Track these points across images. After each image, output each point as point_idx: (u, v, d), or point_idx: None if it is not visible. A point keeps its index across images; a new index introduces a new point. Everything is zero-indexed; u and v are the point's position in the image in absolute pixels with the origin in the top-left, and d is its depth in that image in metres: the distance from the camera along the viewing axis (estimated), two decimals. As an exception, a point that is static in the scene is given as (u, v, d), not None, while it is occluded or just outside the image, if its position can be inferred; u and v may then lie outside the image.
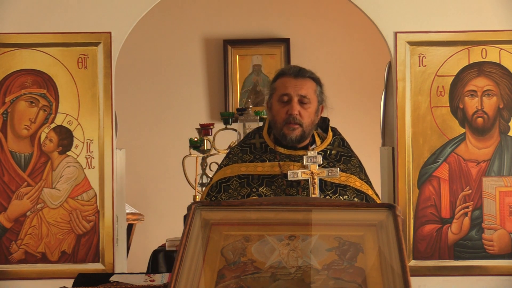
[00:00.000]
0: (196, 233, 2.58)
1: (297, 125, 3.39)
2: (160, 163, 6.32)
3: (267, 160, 3.47)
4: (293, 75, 3.45)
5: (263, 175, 3.43)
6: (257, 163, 3.47)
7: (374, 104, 4.93)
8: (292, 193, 3.39)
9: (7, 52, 3.84)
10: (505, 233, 3.84)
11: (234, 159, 3.52)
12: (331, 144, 3.55)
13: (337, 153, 3.53)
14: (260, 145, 3.52)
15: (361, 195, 3.43)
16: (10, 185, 3.82)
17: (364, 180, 3.50)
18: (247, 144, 3.56)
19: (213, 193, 3.48)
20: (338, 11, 6.30)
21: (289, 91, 3.40)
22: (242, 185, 3.43)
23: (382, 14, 3.88)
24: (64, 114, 3.84)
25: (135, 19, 3.88)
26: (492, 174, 3.85)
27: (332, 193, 3.41)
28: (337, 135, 3.61)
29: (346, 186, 3.43)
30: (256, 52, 6.36)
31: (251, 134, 3.61)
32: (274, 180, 3.42)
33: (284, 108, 3.40)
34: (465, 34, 3.87)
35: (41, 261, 3.82)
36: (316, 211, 2.68)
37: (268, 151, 3.48)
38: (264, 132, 3.55)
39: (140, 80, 6.35)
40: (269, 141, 3.51)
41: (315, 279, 2.39)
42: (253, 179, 3.43)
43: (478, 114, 3.86)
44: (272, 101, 3.46)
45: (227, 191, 3.45)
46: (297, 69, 3.49)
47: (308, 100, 3.42)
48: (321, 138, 3.57)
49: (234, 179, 3.45)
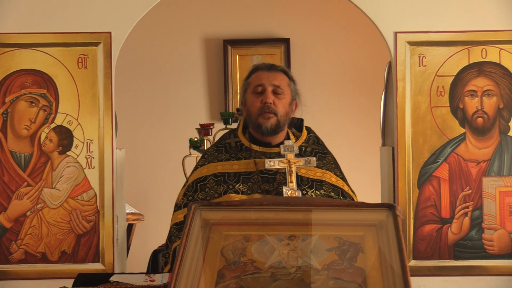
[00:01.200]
0: (196, 233, 2.58)
1: (271, 114, 3.45)
2: (160, 163, 6.32)
3: (243, 158, 3.51)
4: (266, 69, 3.54)
5: (239, 172, 3.47)
6: (233, 161, 3.51)
7: (374, 104, 4.93)
8: (269, 188, 3.43)
9: (7, 52, 3.83)
10: (505, 233, 3.84)
11: (210, 159, 3.56)
12: (306, 142, 3.60)
13: (312, 150, 3.59)
14: (235, 144, 3.57)
15: (337, 190, 3.48)
16: (10, 185, 3.82)
17: (339, 176, 3.56)
18: (222, 144, 3.61)
19: (189, 193, 3.52)
20: (338, 11, 6.31)
21: (262, 82, 3.48)
22: (219, 183, 3.46)
23: (382, 14, 3.88)
24: (64, 114, 3.84)
25: (135, 19, 3.88)
26: (492, 174, 3.85)
27: (309, 187, 3.45)
28: (312, 133, 3.66)
29: (322, 182, 3.48)
30: (256, 52, 6.36)
31: (226, 135, 3.66)
32: (250, 176, 3.46)
33: (259, 98, 3.48)
34: (465, 34, 3.87)
35: (41, 261, 3.81)
36: (316, 211, 2.69)
37: (243, 150, 3.53)
38: (239, 132, 3.61)
39: (140, 80, 6.35)
40: (244, 139, 3.56)
41: (315, 279, 2.39)
42: (229, 177, 3.47)
43: (478, 114, 3.86)
44: (246, 95, 3.52)
45: (203, 190, 3.48)
46: (269, 64, 3.59)
47: (282, 91, 3.49)
48: (296, 136, 3.62)
49: (210, 178, 3.49)
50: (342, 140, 6.36)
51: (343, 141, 6.36)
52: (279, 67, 3.57)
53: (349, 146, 6.33)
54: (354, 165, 6.34)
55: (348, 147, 6.34)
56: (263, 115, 3.46)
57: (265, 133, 3.48)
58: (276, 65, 3.59)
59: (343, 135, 6.32)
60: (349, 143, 6.31)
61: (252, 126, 3.52)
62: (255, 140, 3.55)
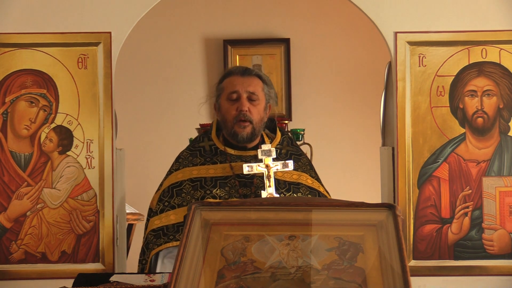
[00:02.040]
0: (196, 233, 2.58)
1: (247, 122, 3.44)
2: (160, 163, 6.31)
3: (218, 162, 3.49)
4: (240, 74, 3.51)
5: (215, 177, 3.46)
6: (209, 166, 3.49)
7: (374, 104, 4.93)
8: (246, 192, 3.42)
9: (7, 52, 3.83)
10: (505, 233, 3.84)
11: (185, 163, 3.54)
12: (280, 144, 3.60)
13: (287, 152, 3.58)
14: (210, 147, 3.55)
15: (313, 192, 3.49)
16: (10, 185, 3.82)
17: (314, 178, 3.57)
18: (196, 148, 3.58)
19: (165, 198, 3.50)
20: (338, 11, 6.31)
21: (237, 88, 3.46)
22: (195, 188, 3.45)
23: (382, 14, 3.88)
24: (64, 114, 3.84)
25: (135, 19, 3.88)
26: (492, 174, 3.85)
27: (286, 191, 3.44)
28: (285, 134, 3.65)
29: (299, 184, 3.48)
30: (256, 52, 6.36)
31: (199, 137, 3.64)
32: (227, 181, 3.44)
33: (234, 105, 3.46)
34: (465, 34, 3.87)
35: (41, 261, 3.81)
36: (316, 211, 2.68)
37: (218, 153, 3.51)
38: (212, 135, 3.58)
39: (140, 80, 6.35)
40: (219, 143, 3.54)
41: (315, 279, 2.39)
42: (206, 182, 3.45)
43: (478, 114, 3.86)
44: (220, 101, 3.50)
45: (179, 195, 3.46)
46: (243, 68, 3.57)
47: (257, 97, 3.48)
48: (270, 138, 3.60)
49: (187, 183, 3.47)
50: (342, 140, 6.37)
51: (343, 141, 6.37)
52: (253, 72, 3.54)
53: (349, 146, 6.33)
54: (354, 165, 6.36)
55: (348, 147, 6.34)
56: (239, 123, 3.44)
57: (241, 142, 3.48)
58: (250, 69, 3.57)
59: (343, 135, 6.32)
60: (349, 143, 6.31)
61: (228, 133, 3.50)
62: (229, 143, 3.54)
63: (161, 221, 3.48)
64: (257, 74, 3.53)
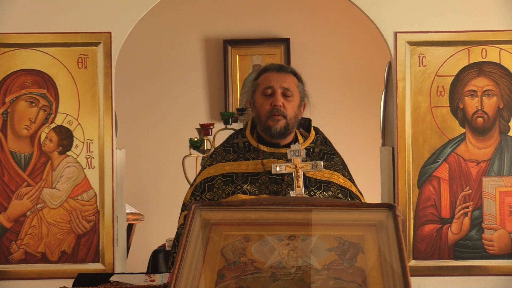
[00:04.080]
0: (196, 233, 2.58)
1: (281, 117, 3.45)
2: (160, 163, 6.32)
3: (251, 158, 3.50)
4: (275, 70, 3.53)
5: (247, 172, 3.46)
6: (241, 162, 3.50)
7: (374, 104, 4.93)
8: (276, 189, 3.42)
9: (7, 52, 3.84)
10: (505, 233, 3.84)
11: (218, 158, 3.55)
12: (313, 142, 3.59)
13: (320, 151, 3.58)
14: (243, 144, 3.56)
15: (345, 191, 3.47)
16: (10, 185, 3.82)
17: (347, 178, 3.55)
18: (230, 144, 3.60)
19: (197, 193, 3.51)
20: (338, 11, 6.31)
21: (272, 84, 3.47)
22: (227, 183, 3.45)
23: (382, 14, 3.88)
24: (64, 114, 3.84)
25: (135, 19, 3.88)
26: (492, 174, 3.85)
27: (316, 189, 3.44)
28: (320, 134, 3.65)
29: (330, 183, 3.47)
30: (256, 52, 6.36)
31: (234, 134, 3.65)
32: (258, 177, 3.45)
33: (268, 100, 3.47)
34: (465, 34, 3.87)
35: (41, 261, 3.82)
36: (316, 211, 2.68)
37: (251, 150, 3.52)
38: (247, 132, 3.60)
39: (140, 80, 6.36)
40: (252, 140, 3.55)
41: (315, 279, 2.39)
42: (237, 177, 3.46)
43: (478, 114, 3.86)
44: (255, 96, 3.52)
45: (211, 190, 3.47)
46: (278, 65, 3.57)
47: (291, 93, 3.48)
48: (304, 137, 3.61)
49: (218, 178, 3.48)
50: (342, 140, 6.35)
51: (343, 141, 6.35)
52: (289, 68, 3.55)
53: (349, 146, 6.32)
54: (354, 165, 6.33)
55: (348, 147, 6.32)
56: (272, 117, 3.44)
57: (274, 136, 3.47)
58: (285, 66, 3.58)
59: (343, 135, 6.32)
60: (349, 143, 6.31)
61: (261, 128, 3.50)
62: (263, 140, 3.53)
63: None
64: (292, 71, 3.55)
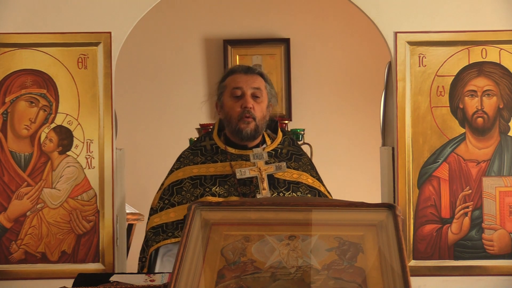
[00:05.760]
0: (196, 233, 2.58)
1: (251, 119, 3.45)
2: (160, 163, 6.31)
3: (219, 160, 3.51)
4: (243, 72, 3.53)
5: (215, 175, 3.47)
6: (209, 164, 3.51)
7: (374, 104, 4.93)
8: (245, 191, 3.43)
9: (7, 52, 3.84)
10: (505, 233, 3.84)
11: (186, 162, 3.56)
12: (281, 144, 3.61)
13: (288, 152, 3.59)
14: (211, 147, 3.57)
15: (313, 191, 3.49)
16: (10, 185, 3.82)
17: (315, 178, 3.57)
18: (198, 147, 3.60)
19: (166, 196, 3.52)
20: (338, 11, 6.31)
21: (241, 85, 3.48)
22: (195, 186, 3.46)
23: (382, 14, 3.88)
24: (64, 114, 3.84)
25: (135, 19, 3.88)
26: (492, 174, 3.85)
27: (285, 190, 3.45)
28: (287, 135, 3.66)
29: (299, 183, 3.48)
30: (256, 52, 6.36)
31: (201, 137, 3.66)
32: (227, 179, 3.46)
33: (238, 102, 3.47)
34: (465, 34, 3.87)
35: (41, 261, 3.81)
36: (316, 211, 2.68)
37: (219, 152, 3.53)
38: (214, 134, 3.61)
39: (140, 80, 6.35)
40: (220, 142, 3.56)
41: (315, 279, 2.39)
42: (206, 180, 3.47)
43: (478, 114, 3.86)
44: (223, 99, 3.51)
45: (179, 193, 3.48)
46: (246, 66, 3.59)
47: (261, 93, 3.49)
48: (271, 138, 3.62)
49: (187, 181, 3.49)
50: (342, 140, 6.37)
51: (343, 141, 6.37)
52: (256, 70, 3.56)
53: (349, 146, 6.33)
54: (354, 165, 6.36)
55: (348, 147, 6.34)
56: (243, 119, 3.45)
57: (245, 138, 3.49)
58: (252, 67, 3.58)
59: (343, 135, 6.33)
60: (349, 143, 6.31)
61: (231, 130, 3.51)
62: (230, 142, 3.55)
63: (161, 219, 3.50)
64: (260, 72, 3.56)
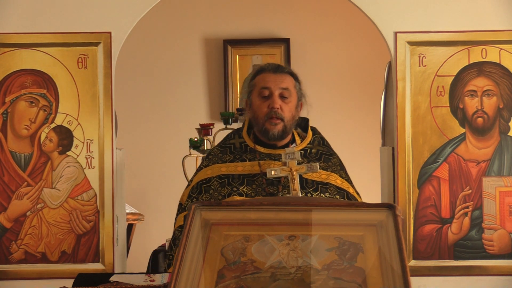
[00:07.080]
0: (196, 233, 2.58)
1: (279, 120, 3.40)
2: (160, 163, 6.32)
3: (247, 159, 3.46)
4: (272, 71, 3.47)
5: (243, 174, 3.43)
6: (237, 163, 3.47)
7: (374, 104, 4.93)
8: (273, 191, 3.38)
9: (7, 52, 3.84)
10: (505, 233, 3.84)
11: (214, 159, 3.52)
12: (311, 143, 3.55)
13: (317, 152, 3.54)
14: (240, 145, 3.52)
15: (342, 193, 3.44)
16: (10, 185, 3.82)
17: (344, 178, 3.51)
18: (227, 145, 3.56)
19: (194, 195, 3.48)
20: (338, 11, 6.31)
21: (269, 85, 3.42)
22: (223, 185, 3.42)
23: (382, 14, 3.88)
24: (64, 114, 3.84)
25: (135, 19, 3.88)
26: (492, 174, 3.85)
27: (313, 190, 3.41)
28: (317, 134, 3.61)
29: (327, 184, 3.44)
30: (256, 52, 6.36)
31: (230, 135, 3.60)
32: (255, 179, 3.41)
33: (265, 102, 3.41)
34: (465, 34, 3.87)
35: (41, 261, 3.82)
36: (316, 211, 2.68)
37: (248, 151, 3.48)
38: (243, 132, 3.55)
39: (140, 80, 6.35)
40: (249, 140, 3.51)
41: (315, 279, 2.39)
42: (234, 179, 3.42)
43: (478, 114, 3.86)
44: (252, 97, 3.46)
45: (207, 192, 3.44)
46: (275, 65, 3.52)
47: (289, 93, 3.43)
48: (301, 137, 3.57)
49: (215, 180, 3.45)
50: (342, 140, 6.35)
51: (343, 141, 6.36)
52: (286, 69, 3.49)
53: (349, 146, 6.32)
54: (354, 165, 6.32)
55: (348, 147, 6.33)
56: (270, 120, 3.39)
57: (272, 139, 3.43)
58: (282, 66, 3.52)
59: (343, 135, 6.32)
60: (349, 143, 6.31)
61: (258, 130, 3.46)
62: (260, 141, 3.49)
63: None
64: (290, 71, 3.50)
